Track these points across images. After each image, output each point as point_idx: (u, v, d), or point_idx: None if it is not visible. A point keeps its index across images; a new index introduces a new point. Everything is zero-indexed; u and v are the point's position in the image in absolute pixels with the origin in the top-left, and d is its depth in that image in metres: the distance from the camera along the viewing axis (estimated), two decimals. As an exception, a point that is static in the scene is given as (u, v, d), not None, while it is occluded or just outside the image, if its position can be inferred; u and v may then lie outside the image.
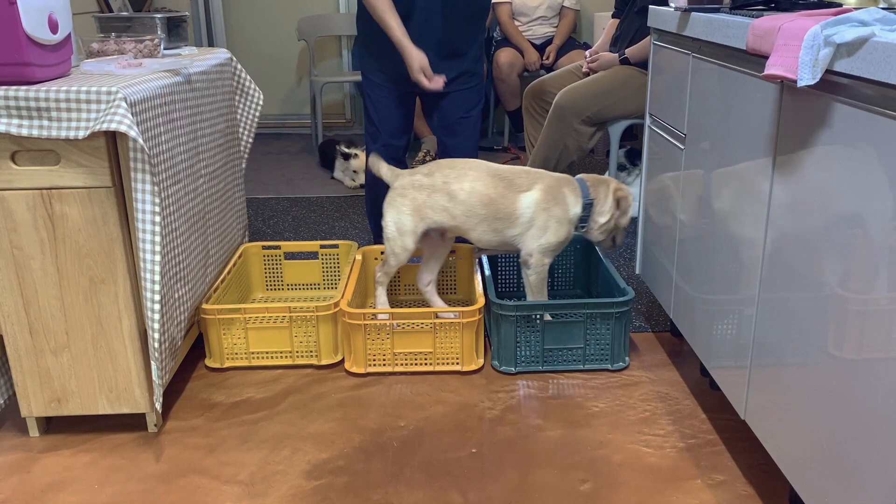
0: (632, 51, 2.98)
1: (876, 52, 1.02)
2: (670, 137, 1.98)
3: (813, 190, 1.23)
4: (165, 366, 1.75)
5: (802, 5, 1.57)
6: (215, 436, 1.81)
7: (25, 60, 1.53)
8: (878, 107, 1.05)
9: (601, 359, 2.08)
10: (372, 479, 1.64)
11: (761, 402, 1.44)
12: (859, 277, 1.11)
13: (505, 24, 4.24)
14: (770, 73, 1.20)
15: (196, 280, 1.99)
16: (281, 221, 3.31)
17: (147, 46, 2.05)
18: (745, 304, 1.50)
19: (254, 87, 2.44)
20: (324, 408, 1.92)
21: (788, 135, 1.31)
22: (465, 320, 2.03)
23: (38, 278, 1.67)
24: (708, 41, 1.67)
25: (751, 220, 1.47)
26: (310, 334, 2.09)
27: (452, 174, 2.10)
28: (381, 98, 2.51)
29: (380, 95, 2.51)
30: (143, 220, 1.62)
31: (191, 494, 1.61)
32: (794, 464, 1.31)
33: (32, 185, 1.61)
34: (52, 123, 1.56)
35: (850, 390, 1.13)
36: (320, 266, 2.52)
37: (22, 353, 1.72)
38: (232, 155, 2.35)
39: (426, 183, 2.10)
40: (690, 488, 1.60)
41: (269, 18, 4.94)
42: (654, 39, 2.12)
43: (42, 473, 1.69)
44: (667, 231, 2.01)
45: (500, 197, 2.06)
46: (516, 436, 1.79)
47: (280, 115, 5.11)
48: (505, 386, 2.01)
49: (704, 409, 1.88)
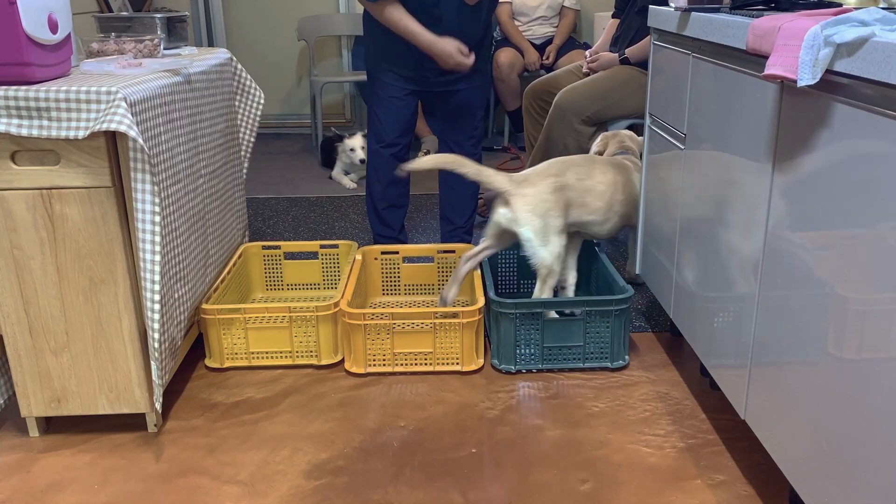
0: (632, 51, 2.98)
1: (876, 52, 1.01)
2: (670, 137, 1.98)
3: (813, 190, 1.23)
4: (165, 366, 1.75)
5: (802, 5, 1.57)
6: (215, 436, 1.81)
7: (25, 60, 1.53)
8: (878, 107, 1.05)
9: (601, 357, 2.08)
10: (372, 479, 1.64)
11: (761, 401, 1.44)
12: (859, 277, 1.11)
13: (505, 24, 4.24)
14: (770, 73, 1.20)
15: (196, 280, 1.99)
16: (281, 221, 3.31)
17: (147, 46, 2.05)
18: (745, 304, 1.50)
19: (254, 86, 2.44)
20: (324, 408, 1.92)
21: (788, 135, 1.31)
22: (465, 320, 2.03)
23: (38, 278, 1.67)
24: (708, 41, 1.67)
25: (751, 220, 1.47)
26: (310, 334, 2.09)
27: (581, 171, 2.16)
28: (391, 97, 2.51)
29: (389, 94, 2.51)
30: (143, 220, 1.62)
31: (191, 494, 1.61)
32: (794, 464, 1.31)
33: (32, 185, 1.61)
34: (52, 123, 1.56)
35: (850, 390, 1.13)
36: (320, 266, 2.52)
37: (22, 353, 1.72)
38: (232, 155, 2.35)
39: (565, 182, 2.12)
40: (690, 488, 1.60)
41: (269, 18, 4.94)
42: (654, 39, 2.12)
43: (42, 473, 1.69)
44: (667, 230, 2.01)
45: (626, 180, 2.23)
46: (516, 436, 1.79)
47: (280, 115, 5.11)
48: (505, 386, 2.01)
49: (704, 409, 1.88)
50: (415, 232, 3.14)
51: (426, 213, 3.37)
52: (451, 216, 2.77)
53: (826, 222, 1.19)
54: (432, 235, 3.09)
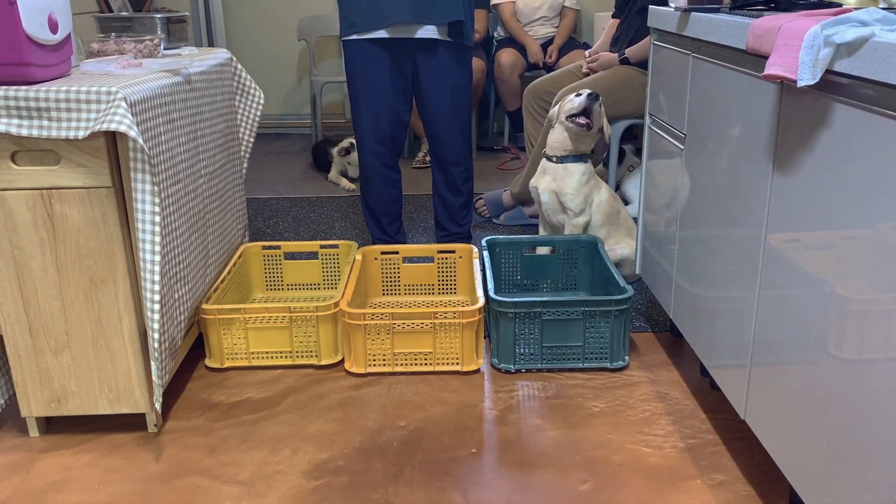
0: (632, 51, 2.98)
1: (876, 52, 1.02)
2: (670, 137, 1.98)
3: (813, 190, 1.23)
4: (165, 366, 1.75)
5: (802, 5, 1.57)
6: (215, 436, 1.81)
7: (25, 60, 1.53)
8: (878, 107, 1.05)
9: (600, 357, 2.08)
10: (372, 479, 1.64)
11: (761, 401, 1.44)
12: (859, 277, 1.11)
13: (508, 23, 4.23)
14: (770, 73, 1.20)
15: (196, 280, 1.99)
16: (281, 221, 3.31)
17: (147, 46, 2.05)
18: (745, 304, 1.50)
19: (254, 86, 2.44)
20: (324, 408, 1.92)
21: (788, 135, 1.31)
22: (465, 320, 2.03)
23: (38, 278, 1.67)
24: (708, 41, 1.67)
25: (750, 220, 1.47)
26: (310, 334, 2.09)
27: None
28: (365, 75, 2.48)
29: (364, 72, 2.48)
30: (142, 220, 1.62)
31: (191, 494, 1.61)
32: (794, 464, 1.31)
33: (32, 185, 1.61)
34: (52, 123, 1.56)
35: (850, 390, 1.13)
36: (320, 266, 2.52)
37: (22, 353, 1.72)
38: (232, 155, 2.35)
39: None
40: (690, 488, 1.60)
41: (269, 18, 4.94)
42: (654, 39, 2.12)
43: (42, 473, 1.69)
44: (666, 231, 2.02)
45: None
46: (516, 436, 1.79)
47: (280, 115, 5.11)
48: (505, 386, 2.01)
49: (704, 409, 1.88)
50: (415, 232, 3.14)
51: (426, 213, 3.37)
52: (446, 224, 2.76)
53: (826, 222, 1.19)
54: (432, 235, 3.09)
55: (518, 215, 3.21)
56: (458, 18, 2.41)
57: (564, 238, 2.45)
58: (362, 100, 2.51)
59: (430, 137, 2.62)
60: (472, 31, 2.52)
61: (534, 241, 2.50)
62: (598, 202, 2.52)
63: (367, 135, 2.55)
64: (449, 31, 2.44)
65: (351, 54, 2.48)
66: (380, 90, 2.49)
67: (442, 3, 2.38)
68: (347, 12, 2.44)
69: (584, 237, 2.44)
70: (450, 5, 2.39)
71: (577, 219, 2.49)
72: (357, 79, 2.50)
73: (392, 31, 2.41)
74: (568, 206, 2.49)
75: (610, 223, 2.53)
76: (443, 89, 2.51)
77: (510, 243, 2.46)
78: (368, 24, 2.41)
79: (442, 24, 2.42)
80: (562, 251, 2.46)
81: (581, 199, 2.48)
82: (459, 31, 2.44)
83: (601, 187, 2.54)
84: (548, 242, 2.49)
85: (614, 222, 2.54)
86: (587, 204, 2.50)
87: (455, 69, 2.51)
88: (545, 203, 2.56)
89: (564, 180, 2.50)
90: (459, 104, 2.56)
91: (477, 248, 2.44)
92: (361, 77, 2.49)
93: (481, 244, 2.44)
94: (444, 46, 2.46)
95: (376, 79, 2.48)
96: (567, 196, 2.49)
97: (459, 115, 2.57)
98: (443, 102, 2.53)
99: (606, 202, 2.52)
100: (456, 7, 2.40)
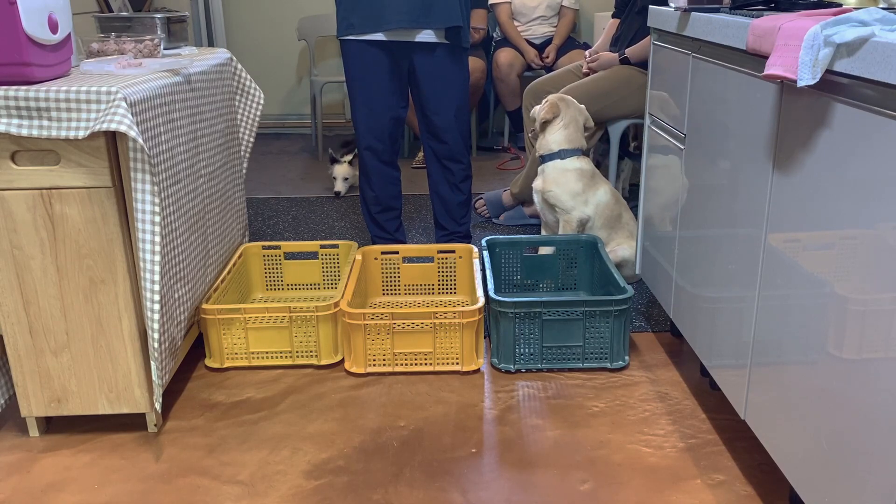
0: (632, 51, 2.98)
1: (876, 52, 1.02)
2: (670, 137, 1.98)
3: (813, 190, 1.23)
4: (165, 366, 1.75)
5: (802, 5, 1.57)
6: (215, 436, 1.81)
7: (25, 60, 1.53)
8: (878, 107, 1.05)
9: (600, 357, 2.08)
10: (372, 479, 1.65)
11: (761, 401, 1.44)
12: (859, 277, 1.11)
13: (504, 24, 4.24)
14: (770, 73, 1.20)
15: (196, 280, 1.99)
16: (281, 221, 3.31)
17: (147, 46, 2.05)
18: (745, 304, 1.50)
19: (254, 86, 2.44)
20: (324, 408, 1.92)
21: (788, 135, 1.31)
22: (464, 320, 2.03)
23: (38, 278, 1.67)
24: (708, 41, 1.67)
25: (750, 220, 1.47)
26: (310, 334, 2.09)
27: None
28: (363, 75, 2.49)
29: (362, 72, 2.49)
30: (142, 220, 1.62)
31: (191, 494, 1.61)
32: (794, 464, 1.31)
33: (32, 185, 1.61)
34: (52, 123, 1.56)
35: (850, 390, 1.13)
36: (320, 266, 2.52)
37: (22, 353, 1.72)
38: (232, 155, 2.35)
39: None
40: (690, 488, 1.60)
41: (269, 18, 4.94)
42: (654, 39, 2.12)
43: (42, 473, 1.69)
44: (666, 231, 2.02)
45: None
46: (516, 436, 1.79)
47: (280, 115, 5.11)
48: (505, 386, 2.01)
49: (704, 409, 1.88)
50: (414, 232, 3.14)
51: (426, 213, 3.37)
52: (445, 223, 2.76)
53: (826, 222, 1.19)
54: (432, 235, 3.09)
55: (518, 215, 3.21)
56: (457, 24, 2.42)
57: (564, 238, 2.46)
58: (360, 97, 2.53)
59: (428, 135, 2.63)
60: (469, 32, 2.53)
61: (534, 241, 2.50)
62: (596, 203, 2.52)
63: (365, 131, 2.56)
64: (447, 34, 2.45)
65: (348, 53, 2.50)
66: (377, 88, 2.51)
67: (440, 8, 2.39)
68: (345, 13, 2.44)
69: (584, 237, 2.44)
70: (448, 10, 2.40)
71: (566, 215, 2.50)
72: (355, 77, 2.51)
73: (390, 34, 2.42)
74: (551, 202, 2.54)
75: (610, 226, 2.53)
76: (441, 88, 2.52)
77: (510, 243, 2.47)
78: (366, 27, 2.42)
79: (440, 28, 2.43)
80: (562, 251, 2.46)
81: (567, 196, 2.51)
82: (457, 34, 2.45)
83: (599, 186, 2.54)
84: (548, 242, 2.49)
85: (615, 225, 2.54)
86: (579, 201, 2.50)
87: (452, 68, 2.52)
88: (536, 202, 2.64)
89: (546, 177, 2.57)
90: (458, 102, 2.56)
91: (477, 248, 2.45)
92: (359, 75, 2.50)
93: (481, 244, 2.44)
94: (441, 47, 2.47)
95: (373, 77, 2.49)
96: (550, 193, 2.54)
97: (458, 113, 2.58)
98: (441, 101, 2.54)
99: (606, 205, 2.52)
100: (454, 12, 2.40)
